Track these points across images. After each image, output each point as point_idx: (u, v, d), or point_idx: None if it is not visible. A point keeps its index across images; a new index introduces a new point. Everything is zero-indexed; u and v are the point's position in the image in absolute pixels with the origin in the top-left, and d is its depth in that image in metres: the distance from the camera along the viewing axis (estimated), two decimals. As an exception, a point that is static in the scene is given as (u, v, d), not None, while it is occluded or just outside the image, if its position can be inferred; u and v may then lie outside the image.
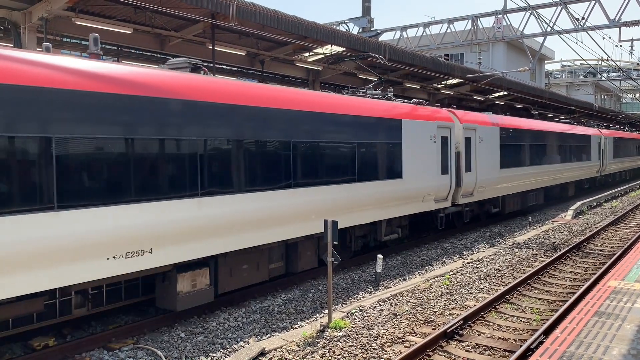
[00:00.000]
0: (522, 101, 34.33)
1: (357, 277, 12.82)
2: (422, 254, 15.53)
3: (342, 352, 8.07)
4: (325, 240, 9.28)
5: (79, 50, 16.48)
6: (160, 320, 9.26)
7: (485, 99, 31.48)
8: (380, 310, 10.12)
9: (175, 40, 15.61)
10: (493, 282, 12.38)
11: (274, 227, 10.48)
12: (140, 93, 8.15)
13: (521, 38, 26.02)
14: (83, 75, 7.56)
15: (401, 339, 8.66)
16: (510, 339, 8.71)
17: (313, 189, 11.41)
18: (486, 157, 19.26)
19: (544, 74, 61.05)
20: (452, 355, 8.08)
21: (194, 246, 8.90)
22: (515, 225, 21.57)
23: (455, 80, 24.94)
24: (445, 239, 17.97)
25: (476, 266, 13.91)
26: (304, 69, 20.86)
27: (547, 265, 13.55)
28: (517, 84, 29.03)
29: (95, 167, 7.53)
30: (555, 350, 6.33)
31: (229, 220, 9.45)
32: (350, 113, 12.67)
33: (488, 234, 19.26)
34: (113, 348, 8.19)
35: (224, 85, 9.79)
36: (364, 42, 17.31)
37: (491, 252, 15.74)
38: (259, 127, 10.17)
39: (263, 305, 10.52)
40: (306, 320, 9.85)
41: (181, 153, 8.69)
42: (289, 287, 11.85)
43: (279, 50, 17.47)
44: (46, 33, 13.29)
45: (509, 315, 10.00)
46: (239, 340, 8.77)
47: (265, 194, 10.24)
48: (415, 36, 30.56)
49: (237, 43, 16.35)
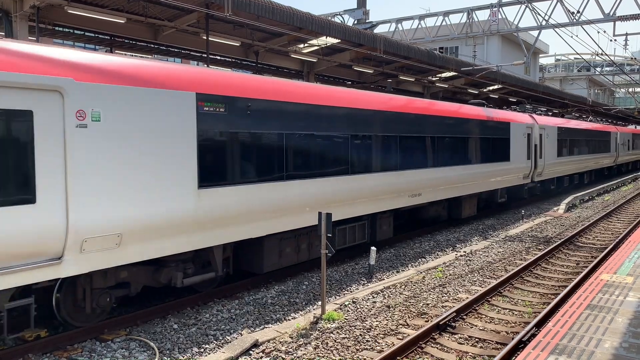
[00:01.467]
0: (516, 95, 34.37)
1: (350, 269, 12.83)
2: (416, 247, 15.57)
3: (335, 343, 8.08)
4: (319, 232, 9.26)
5: (72, 39, 16.33)
6: (153, 311, 9.24)
7: (480, 92, 31.48)
8: (373, 302, 10.14)
9: (169, 30, 15.48)
10: (486, 274, 12.43)
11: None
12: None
13: (516, 31, 25.99)
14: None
15: (394, 331, 8.68)
16: (502, 332, 8.75)
17: (479, 165, 18.91)
18: (550, 148, 26.21)
19: (539, 67, 61.15)
20: (445, 348, 8.11)
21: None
22: (508, 218, 21.67)
23: (450, 73, 24.90)
24: (438, 232, 18.02)
25: (469, 259, 13.96)
26: (299, 61, 20.76)
27: (540, 259, 13.61)
28: (511, 77, 29.03)
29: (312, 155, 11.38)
30: (548, 343, 6.36)
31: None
32: (490, 119, 20.03)
33: (481, 227, 19.33)
34: (105, 339, 8.16)
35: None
36: (359, 33, 17.24)
37: (484, 245, 15.80)
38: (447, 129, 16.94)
39: (256, 297, 10.52)
40: (299, 312, 9.85)
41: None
42: (282, 279, 11.86)
43: (274, 42, 17.37)
44: (38, 22, 13.15)
45: (501, 308, 10.04)
46: (232, 331, 8.77)
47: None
48: (410, 29, 30.48)
49: (231, 33, 16.24)
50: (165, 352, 7.86)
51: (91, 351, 7.77)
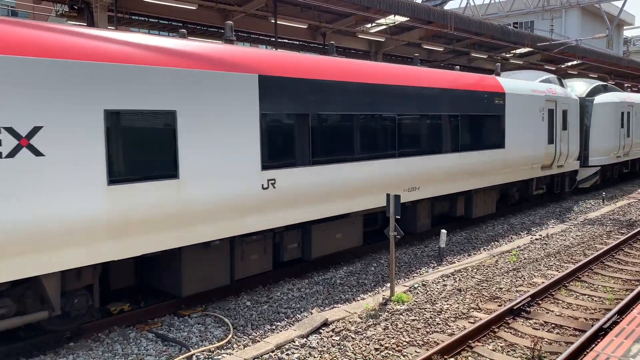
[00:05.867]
0: (597, 70, 32.42)
1: (419, 251, 12.69)
2: (488, 230, 15.15)
3: (405, 325, 8.05)
4: (388, 214, 9.21)
5: (147, 27, 16.95)
6: (228, 289, 9.56)
7: (557, 69, 29.94)
8: (443, 286, 9.99)
9: (239, 15, 15.73)
10: (563, 259, 11.93)
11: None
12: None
13: (598, 2, 24.40)
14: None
15: (465, 315, 8.53)
16: (580, 318, 8.39)
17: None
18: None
19: (622, 40, 57.26)
20: (519, 333, 7.88)
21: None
22: (587, 200, 20.62)
23: (525, 50, 23.82)
24: (512, 215, 17.44)
25: (545, 242, 13.44)
26: (366, 41, 20.54)
27: (622, 243, 12.89)
28: (591, 52, 27.40)
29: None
30: (632, 330, 6.04)
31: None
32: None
33: (558, 209, 18.52)
34: (183, 315, 8.55)
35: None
36: (429, 10, 16.80)
37: (561, 228, 15.14)
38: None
39: (325, 277, 10.63)
40: (368, 293, 9.88)
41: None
42: (351, 261, 11.92)
43: (341, 22, 17.26)
44: (116, 11, 13.74)
45: (579, 294, 9.62)
46: (302, 310, 8.93)
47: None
48: (482, 4, 29.36)
49: (299, 16, 16.28)
50: (238, 328, 8.13)
51: (170, 325, 8.16)
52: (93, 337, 7.73)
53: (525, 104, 16.35)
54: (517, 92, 16.04)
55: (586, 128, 21.39)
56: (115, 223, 7.18)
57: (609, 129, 21.97)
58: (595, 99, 21.69)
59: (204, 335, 7.81)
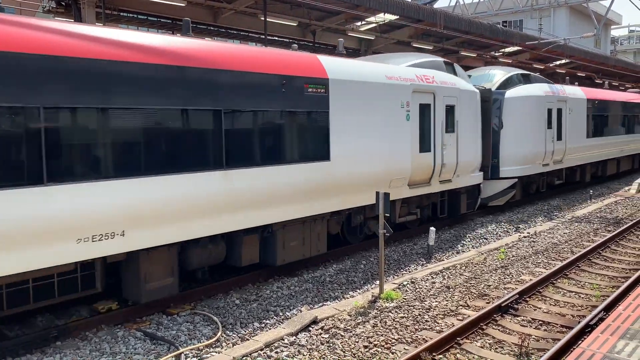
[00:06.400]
0: (585, 69, 32.68)
1: (408, 249, 12.74)
2: (477, 227, 15.24)
3: (394, 322, 8.08)
4: (377, 212, 9.23)
5: (135, 24, 16.83)
6: (216, 287, 9.53)
7: (546, 67, 30.15)
8: (432, 283, 10.04)
9: (228, 12, 15.67)
10: (550, 256, 12.03)
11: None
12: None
13: (586, 2, 24.60)
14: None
15: (454, 312, 8.58)
16: (568, 315, 8.47)
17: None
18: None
19: (610, 40, 57.78)
20: (507, 329, 7.94)
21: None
22: (575, 198, 20.79)
23: (514, 48, 23.97)
24: (501, 212, 17.55)
25: (533, 240, 13.54)
26: (356, 39, 20.55)
27: (609, 240, 13.01)
28: (579, 50, 27.62)
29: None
30: (617, 327, 6.10)
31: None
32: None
33: (546, 207, 18.66)
34: (172, 313, 8.51)
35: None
36: (418, 9, 16.84)
37: (549, 225, 15.26)
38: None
39: (315, 275, 10.64)
40: (357, 291, 9.90)
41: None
42: (340, 258, 11.93)
43: (331, 20, 17.26)
44: (104, 8, 13.62)
45: (567, 291, 9.70)
46: (291, 308, 8.93)
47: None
48: (471, 2, 29.50)
49: (288, 14, 16.26)
50: (227, 327, 8.11)
51: (158, 324, 8.13)
52: (80, 335, 7.66)
53: (370, 96, 11.40)
54: (353, 78, 11.02)
55: (495, 129, 16.59)
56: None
57: (528, 130, 17.21)
58: (508, 92, 16.79)
59: (192, 334, 7.78)
